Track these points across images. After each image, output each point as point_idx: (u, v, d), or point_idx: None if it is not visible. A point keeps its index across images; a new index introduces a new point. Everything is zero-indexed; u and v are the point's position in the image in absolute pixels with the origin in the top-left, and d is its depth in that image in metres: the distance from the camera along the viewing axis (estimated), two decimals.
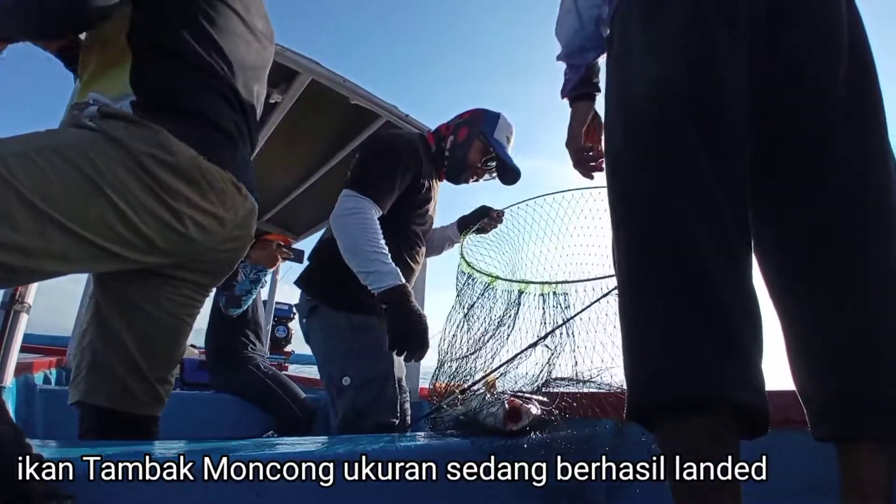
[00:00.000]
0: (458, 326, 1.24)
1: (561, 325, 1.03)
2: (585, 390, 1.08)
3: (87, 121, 0.75)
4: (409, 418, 1.42)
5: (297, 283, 1.46)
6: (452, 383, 1.20)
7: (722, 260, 0.57)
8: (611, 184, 0.68)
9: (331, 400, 1.34)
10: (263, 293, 3.09)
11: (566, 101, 1.02)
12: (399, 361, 1.37)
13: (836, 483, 0.63)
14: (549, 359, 1.06)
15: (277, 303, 3.71)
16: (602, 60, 0.98)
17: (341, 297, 1.34)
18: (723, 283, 0.56)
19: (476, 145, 1.47)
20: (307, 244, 3.31)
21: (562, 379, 1.11)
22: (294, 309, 3.99)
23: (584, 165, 1.04)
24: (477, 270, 1.26)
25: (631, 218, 0.63)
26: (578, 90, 1.00)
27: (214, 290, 2.50)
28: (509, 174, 1.54)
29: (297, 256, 2.61)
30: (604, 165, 0.71)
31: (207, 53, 0.86)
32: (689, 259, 0.57)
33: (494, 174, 1.56)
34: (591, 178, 1.06)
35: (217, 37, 0.88)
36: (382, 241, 1.22)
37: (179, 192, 0.78)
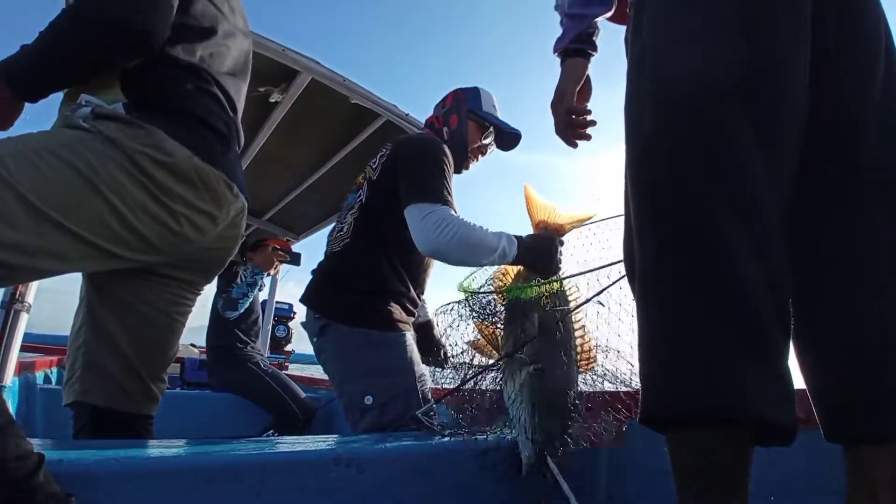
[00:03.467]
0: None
1: (560, 319, 1.01)
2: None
3: (80, 122, 0.76)
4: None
5: (303, 300, 1.38)
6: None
7: (761, 266, 0.53)
8: (639, 176, 0.62)
9: (352, 421, 1.26)
10: (263, 295, 3.10)
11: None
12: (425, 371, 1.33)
13: (836, 483, 0.63)
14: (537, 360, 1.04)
15: (278, 302, 3.71)
16: (602, 22, 0.92)
17: (355, 314, 1.28)
18: (758, 290, 0.52)
19: (471, 126, 1.46)
20: (308, 244, 3.31)
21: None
22: (294, 308, 4.00)
23: (572, 132, 0.94)
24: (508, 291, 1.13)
25: (661, 214, 0.58)
26: (577, 44, 0.90)
27: (215, 289, 2.53)
28: (509, 139, 1.54)
29: (294, 259, 2.63)
30: (624, 153, 0.65)
31: (196, 54, 0.87)
32: (724, 263, 0.53)
33: (493, 147, 1.54)
34: (576, 146, 0.97)
35: (205, 38, 0.88)
36: (481, 225, 1.22)
37: (175, 191, 0.79)
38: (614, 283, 0.92)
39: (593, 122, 0.94)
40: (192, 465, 0.64)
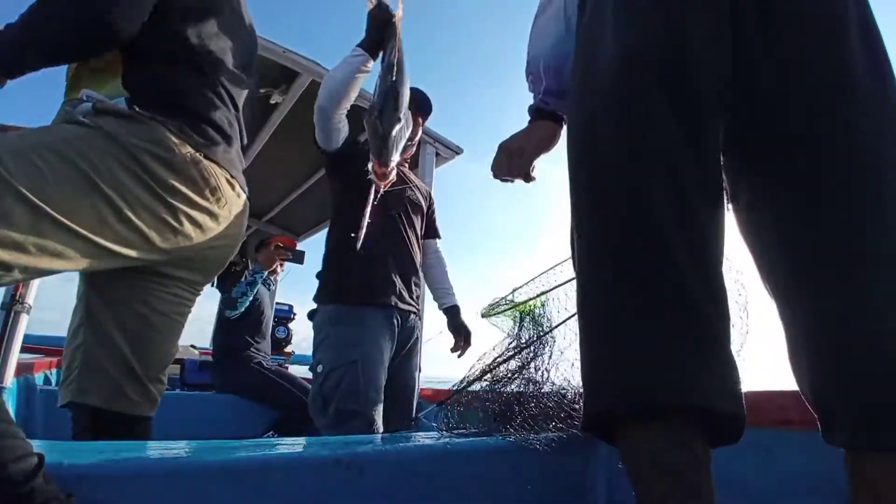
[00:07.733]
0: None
1: (538, 339, 1.01)
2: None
3: (80, 117, 0.75)
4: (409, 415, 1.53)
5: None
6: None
7: (693, 255, 0.53)
8: (574, 168, 0.62)
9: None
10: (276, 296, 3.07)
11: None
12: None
13: (837, 485, 0.63)
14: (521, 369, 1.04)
15: (277, 303, 3.70)
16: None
17: (329, 293, 1.47)
18: (694, 280, 0.52)
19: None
20: (307, 244, 3.31)
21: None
22: (294, 310, 4.01)
23: (508, 178, 0.89)
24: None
25: (593, 208, 0.58)
26: (546, 103, 0.84)
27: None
28: (421, 102, 1.66)
29: (297, 257, 2.57)
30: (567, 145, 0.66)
31: (200, 52, 0.86)
32: (660, 254, 0.52)
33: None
34: (508, 181, 0.93)
35: (209, 35, 0.88)
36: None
37: (176, 188, 0.78)
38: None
39: (533, 179, 0.91)
40: (192, 466, 0.64)
